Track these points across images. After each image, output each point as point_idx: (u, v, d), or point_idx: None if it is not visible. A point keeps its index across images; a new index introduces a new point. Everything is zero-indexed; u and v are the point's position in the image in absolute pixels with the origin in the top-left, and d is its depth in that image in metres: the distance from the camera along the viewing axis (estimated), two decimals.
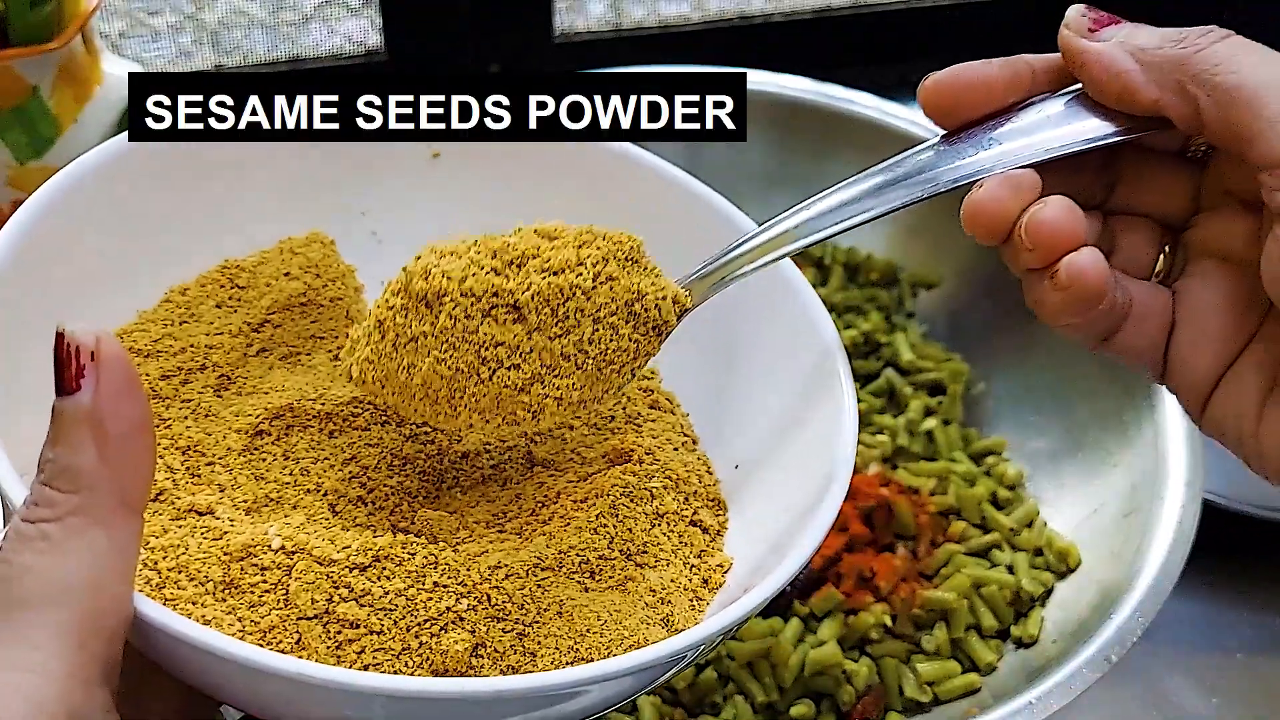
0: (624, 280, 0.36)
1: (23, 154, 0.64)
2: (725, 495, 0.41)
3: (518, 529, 0.39)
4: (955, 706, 0.52)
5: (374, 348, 0.37)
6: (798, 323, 0.42)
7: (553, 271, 0.35)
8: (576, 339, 0.36)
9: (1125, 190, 0.35)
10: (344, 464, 0.39)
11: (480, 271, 0.35)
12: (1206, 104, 0.31)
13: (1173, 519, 0.51)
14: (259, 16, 0.78)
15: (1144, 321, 0.33)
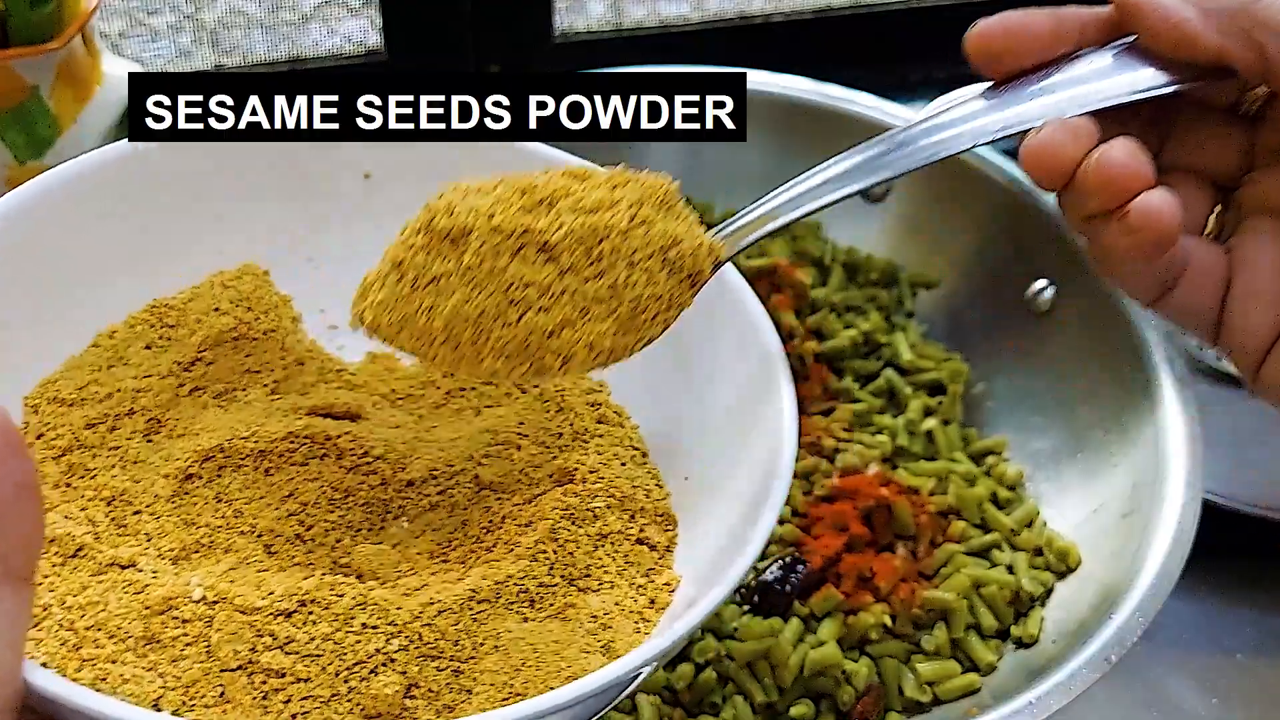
0: (660, 224, 0.35)
1: (22, 154, 0.64)
2: (676, 508, 0.40)
3: (461, 558, 0.38)
4: (955, 706, 0.52)
5: (390, 290, 0.35)
6: (743, 330, 0.41)
7: (587, 210, 0.34)
8: (610, 282, 0.34)
9: (1175, 146, 0.35)
10: (280, 502, 0.38)
11: (509, 209, 0.34)
12: (1273, 47, 0.30)
13: (1173, 519, 0.51)
14: (258, 16, 0.78)
15: (1199, 279, 0.33)
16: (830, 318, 0.64)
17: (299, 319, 0.45)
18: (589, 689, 0.30)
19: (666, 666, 0.51)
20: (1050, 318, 0.62)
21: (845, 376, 0.64)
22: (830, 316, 0.64)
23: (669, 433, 0.43)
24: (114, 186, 0.41)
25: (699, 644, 0.51)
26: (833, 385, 0.63)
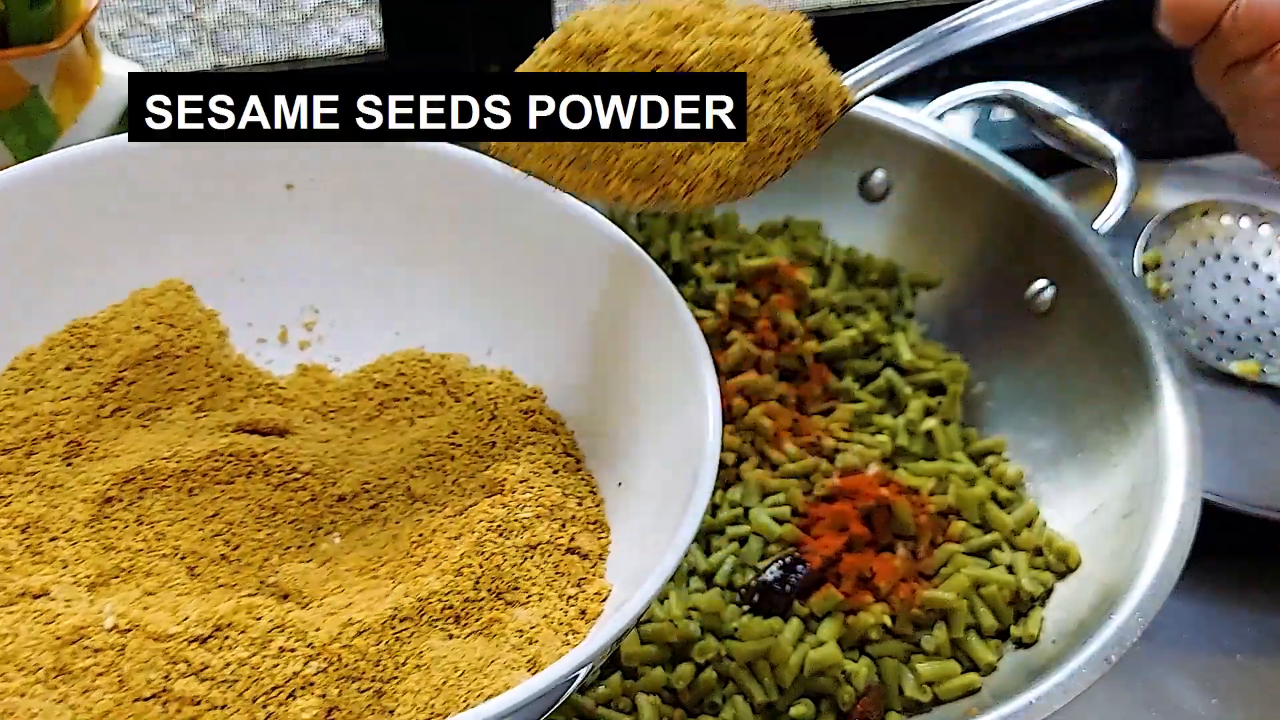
0: (793, 57, 0.35)
1: (22, 154, 0.64)
2: (610, 514, 0.40)
3: (391, 573, 0.37)
4: (955, 706, 0.52)
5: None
6: (669, 331, 0.40)
7: (725, 34, 0.34)
8: None
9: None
10: (205, 522, 0.38)
11: (646, 29, 0.33)
12: None
13: (1173, 519, 0.51)
14: (258, 16, 0.77)
15: None
16: (830, 318, 0.64)
17: (226, 333, 0.45)
18: (513, 703, 0.30)
19: (666, 666, 0.51)
20: (1050, 318, 0.62)
21: (845, 376, 0.64)
22: (830, 316, 0.64)
23: (603, 437, 0.42)
24: (29, 205, 0.41)
25: (699, 644, 0.51)
26: (833, 385, 0.63)
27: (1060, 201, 0.62)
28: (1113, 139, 0.63)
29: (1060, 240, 0.61)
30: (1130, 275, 0.59)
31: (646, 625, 0.51)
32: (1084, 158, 0.64)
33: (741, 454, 0.59)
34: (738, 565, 0.54)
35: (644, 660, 0.51)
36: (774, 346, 0.63)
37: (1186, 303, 0.77)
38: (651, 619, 0.52)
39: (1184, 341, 0.77)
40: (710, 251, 0.67)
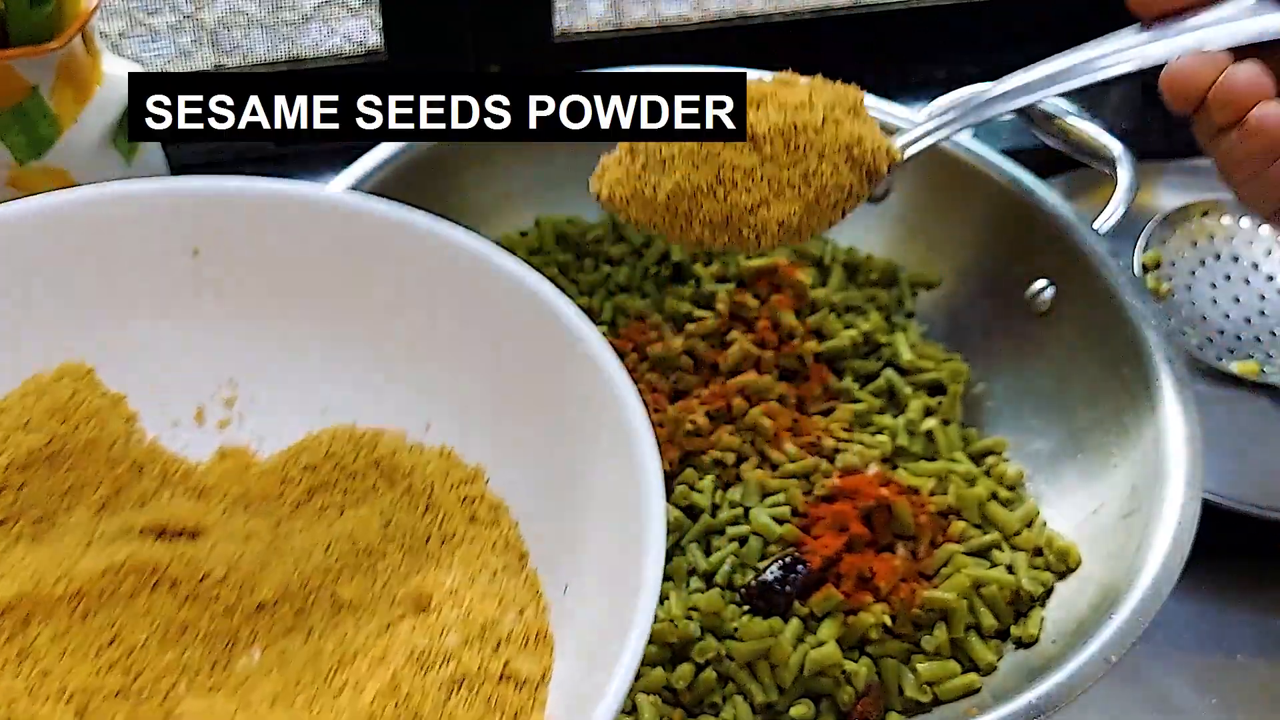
0: (847, 125, 0.41)
1: (23, 154, 0.64)
2: (555, 623, 0.36)
3: (309, 702, 0.34)
4: (955, 707, 0.52)
5: (625, 169, 0.42)
6: (608, 412, 0.37)
7: (789, 108, 0.40)
8: (803, 170, 0.40)
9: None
10: (100, 650, 0.34)
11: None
12: None
13: (1173, 519, 0.51)
14: (258, 16, 0.77)
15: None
16: (830, 318, 0.64)
17: (134, 418, 0.40)
18: None
19: (666, 666, 0.51)
20: (1050, 318, 0.62)
21: (845, 376, 0.64)
22: (830, 317, 0.64)
23: (549, 530, 0.38)
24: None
25: (699, 644, 0.51)
26: (833, 385, 0.63)
27: (1060, 201, 0.62)
28: (1113, 139, 0.63)
29: (1060, 240, 0.61)
30: (1130, 275, 0.59)
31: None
32: (1084, 158, 0.64)
33: (741, 454, 0.59)
34: (738, 565, 0.54)
35: (644, 660, 0.51)
36: (774, 346, 0.63)
37: (1186, 303, 0.77)
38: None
39: (1184, 341, 0.77)
40: (710, 251, 0.67)
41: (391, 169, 0.63)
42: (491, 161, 0.66)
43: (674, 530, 0.55)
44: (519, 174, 0.67)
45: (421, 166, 0.64)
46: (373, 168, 0.62)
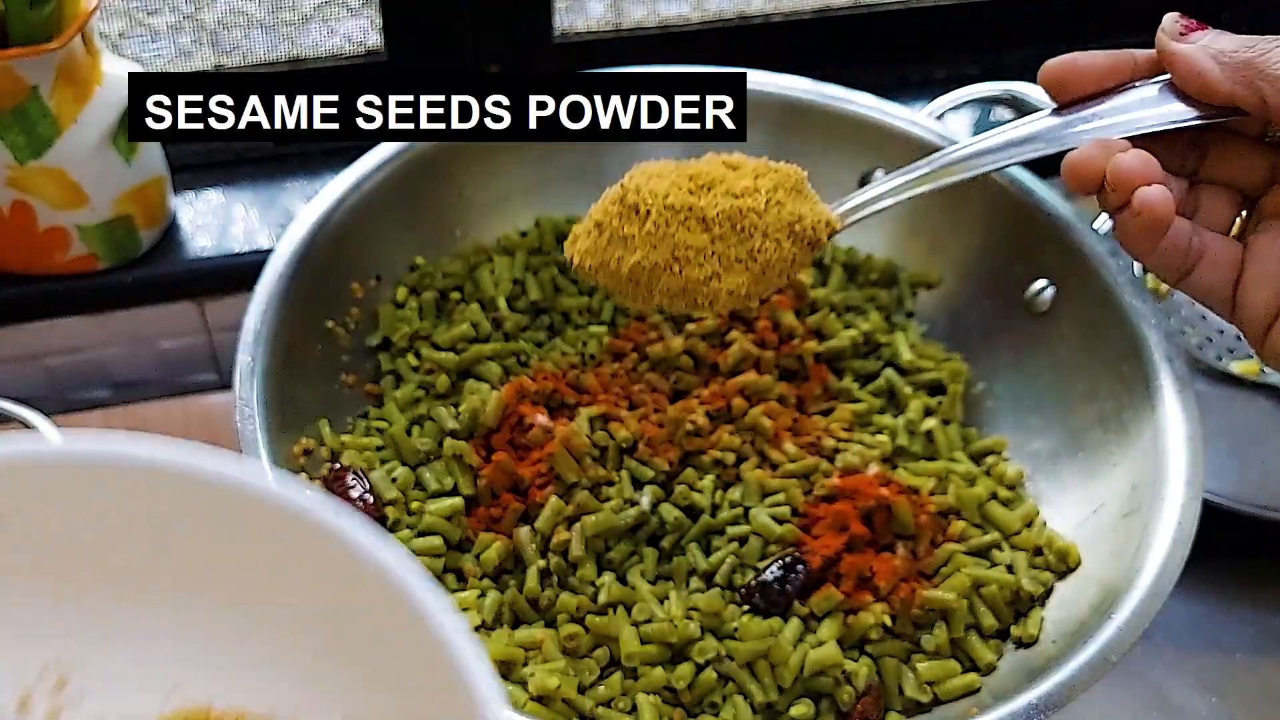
0: (789, 206, 0.45)
1: (22, 154, 0.64)
2: None
3: None
4: (955, 706, 0.52)
5: (593, 242, 0.45)
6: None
7: (735, 195, 0.44)
8: (749, 248, 0.45)
9: (1211, 163, 0.42)
10: None
11: (679, 190, 0.44)
12: (1270, 94, 0.38)
13: (1173, 519, 0.51)
14: (258, 16, 0.77)
15: (1216, 265, 0.41)
16: (830, 318, 0.64)
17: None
18: None
19: (666, 666, 0.51)
20: (1050, 318, 0.62)
21: (845, 376, 0.64)
22: (830, 316, 0.64)
23: None
24: None
25: (699, 644, 0.51)
26: (833, 385, 0.63)
27: (1060, 201, 0.62)
28: None
29: (1060, 240, 0.61)
30: (1130, 275, 0.59)
31: (647, 625, 0.51)
32: None
33: (741, 454, 0.59)
34: (738, 565, 0.54)
35: (644, 660, 0.51)
36: (774, 346, 0.63)
37: (1186, 302, 0.77)
38: (652, 619, 0.52)
39: (1184, 341, 0.77)
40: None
41: (391, 169, 0.63)
42: (491, 162, 0.66)
43: (674, 530, 0.56)
44: (519, 174, 0.67)
45: (421, 167, 0.64)
46: (372, 168, 0.62)
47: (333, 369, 0.60)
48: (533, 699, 0.48)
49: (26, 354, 0.77)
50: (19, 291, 0.71)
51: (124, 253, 0.72)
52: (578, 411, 0.59)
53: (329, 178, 0.62)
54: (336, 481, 0.54)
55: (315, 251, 0.59)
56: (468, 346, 0.61)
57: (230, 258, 0.75)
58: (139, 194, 0.70)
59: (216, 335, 0.79)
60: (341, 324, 0.61)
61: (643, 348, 0.62)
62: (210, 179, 0.79)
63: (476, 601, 0.52)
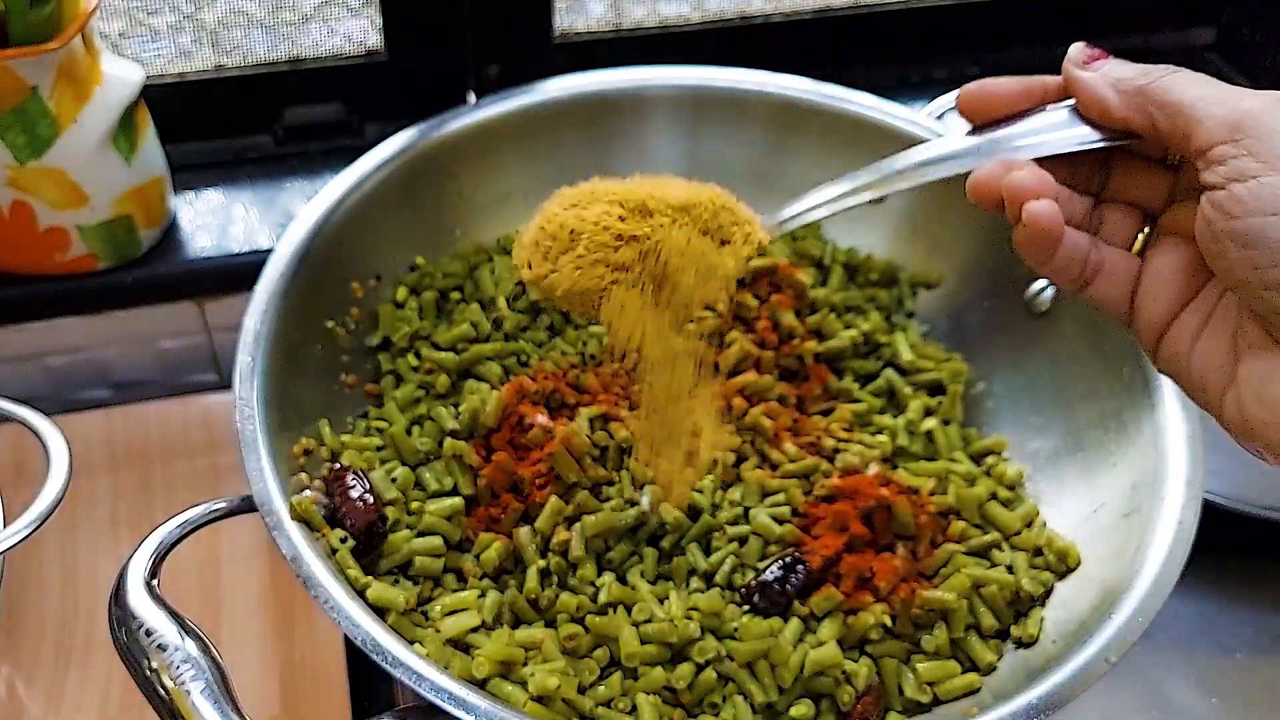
0: (696, 244, 0.48)
1: (22, 154, 0.64)
2: None
3: None
4: (955, 706, 0.52)
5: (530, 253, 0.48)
6: None
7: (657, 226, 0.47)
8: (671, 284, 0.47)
9: (1116, 184, 0.44)
10: None
11: (610, 218, 0.47)
12: (1159, 117, 0.40)
13: (1173, 519, 0.51)
14: (258, 16, 0.77)
15: (1113, 277, 0.43)
16: (830, 318, 0.64)
17: None
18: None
19: (666, 666, 0.51)
20: (1050, 318, 0.62)
21: (845, 376, 0.64)
22: (830, 317, 0.64)
23: None
24: None
25: (699, 644, 0.51)
26: (833, 385, 0.63)
27: None
28: None
29: None
30: None
31: (647, 625, 0.51)
32: None
33: (741, 454, 0.59)
34: (738, 565, 0.54)
35: (644, 660, 0.51)
36: (774, 346, 0.63)
37: None
38: (652, 619, 0.52)
39: None
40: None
41: (391, 169, 0.63)
42: (491, 162, 0.66)
43: (674, 530, 0.56)
44: (519, 174, 0.67)
45: (421, 167, 0.64)
46: (372, 168, 0.62)
47: (333, 369, 0.60)
48: (533, 699, 0.48)
49: (27, 354, 0.77)
50: (19, 291, 0.71)
51: (124, 253, 0.72)
52: (578, 411, 0.59)
53: (329, 177, 0.62)
54: (336, 481, 0.54)
55: (315, 251, 0.59)
56: (468, 346, 0.61)
57: (230, 258, 0.75)
58: (139, 194, 0.70)
59: (216, 335, 0.80)
60: (341, 324, 0.61)
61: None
62: (210, 179, 0.80)
63: (476, 601, 0.52)
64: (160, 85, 0.77)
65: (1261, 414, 0.38)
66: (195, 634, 0.46)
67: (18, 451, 0.72)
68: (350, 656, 0.65)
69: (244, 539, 0.70)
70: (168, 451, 0.75)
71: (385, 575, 0.53)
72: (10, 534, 0.54)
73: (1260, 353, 0.38)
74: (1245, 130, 0.37)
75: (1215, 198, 0.38)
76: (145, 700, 0.45)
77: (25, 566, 0.69)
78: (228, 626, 0.66)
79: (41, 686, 0.64)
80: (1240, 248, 0.37)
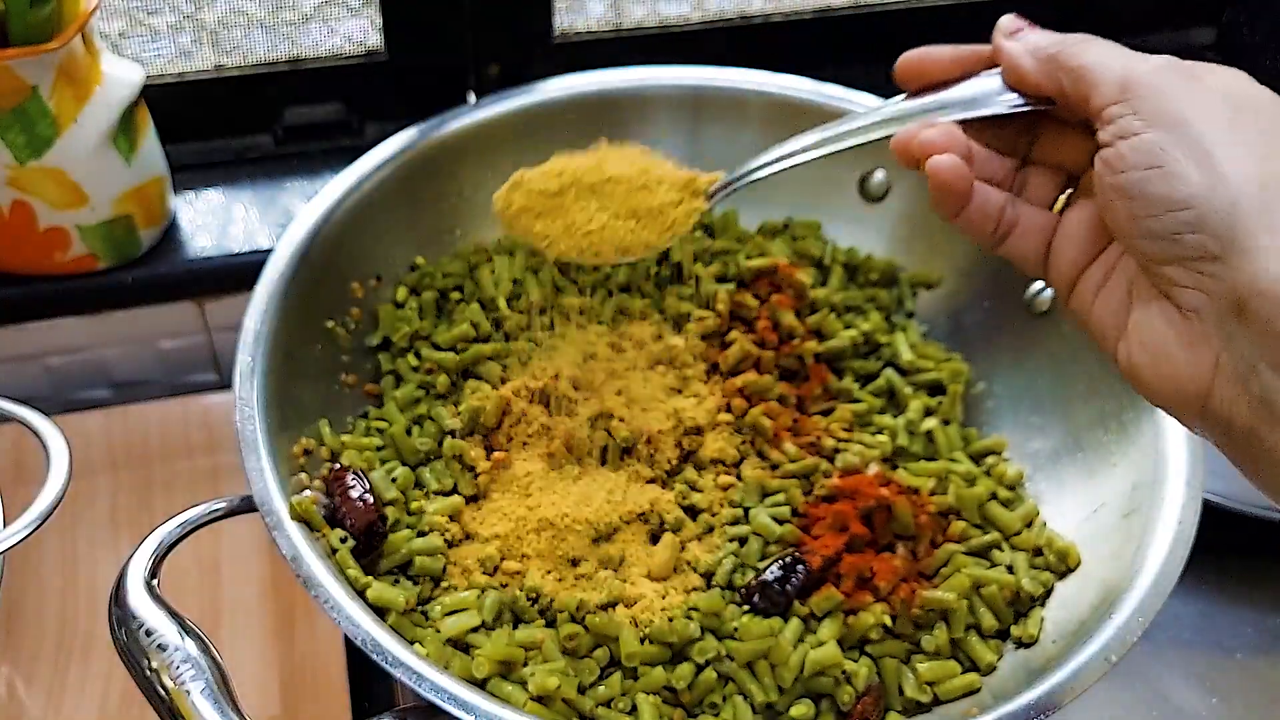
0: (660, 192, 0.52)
1: (22, 154, 0.64)
2: None
3: None
4: (955, 706, 0.52)
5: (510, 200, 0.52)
6: None
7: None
8: (639, 202, 0.52)
9: (1041, 146, 0.46)
10: None
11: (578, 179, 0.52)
12: (1066, 81, 0.42)
13: (1173, 519, 0.51)
14: (259, 16, 0.77)
15: (1028, 233, 0.45)
16: (830, 318, 0.64)
17: None
18: None
19: (666, 666, 0.51)
20: (1050, 318, 0.63)
21: (845, 376, 0.64)
22: (830, 317, 0.64)
23: None
24: None
25: (699, 644, 0.51)
26: (833, 385, 0.63)
27: None
28: None
29: None
30: None
31: (647, 625, 0.51)
32: None
33: (741, 454, 0.59)
34: (738, 565, 0.54)
35: (644, 660, 0.51)
36: (774, 346, 0.63)
37: None
38: (651, 619, 0.52)
39: None
40: (710, 251, 0.67)
41: (390, 170, 0.63)
42: (491, 162, 0.66)
43: (674, 530, 0.56)
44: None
45: (421, 167, 0.64)
46: (372, 168, 0.63)
47: (333, 369, 0.60)
48: (533, 699, 0.49)
49: (27, 354, 0.77)
50: (19, 291, 0.71)
51: (124, 253, 0.72)
52: (578, 410, 0.59)
53: (329, 178, 0.62)
54: (336, 481, 0.54)
55: (315, 251, 0.59)
56: (468, 346, 0.62)
57: (230, 258, 0.75)
58: (139, 194, 0.70)
59: (216, 335, 0.80)
60: (341, 324, 0.61)
61: (643, 346, 0.62)
62: (210, 179, 0.80)
63: (476, 601, 0.52)
64: (160, 85, 0.77)
65: (1143, 358, 0.40)
66: (195, 634, 0.46)
67: (18, 451, 0.72)
68: (350, 656, 0.66)
69: (244, 539, 0.70)
70: (168, 451, 0.75)
71: (385, 575, 0.53)
72: (10, 534, 0.54)
73: (1147, 302, 0.41)
74: (1133, 91, 0.40)
75: (1105, 154, 0.40)
76: (145, 700, 0.45)
77: (25, 566, 0.69)
78: (228, 626, 0.66)
79: (41, 686, 0.64)
80: (1123, 199, 0.39)
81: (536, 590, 0.53)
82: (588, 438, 0.57)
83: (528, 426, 0.58)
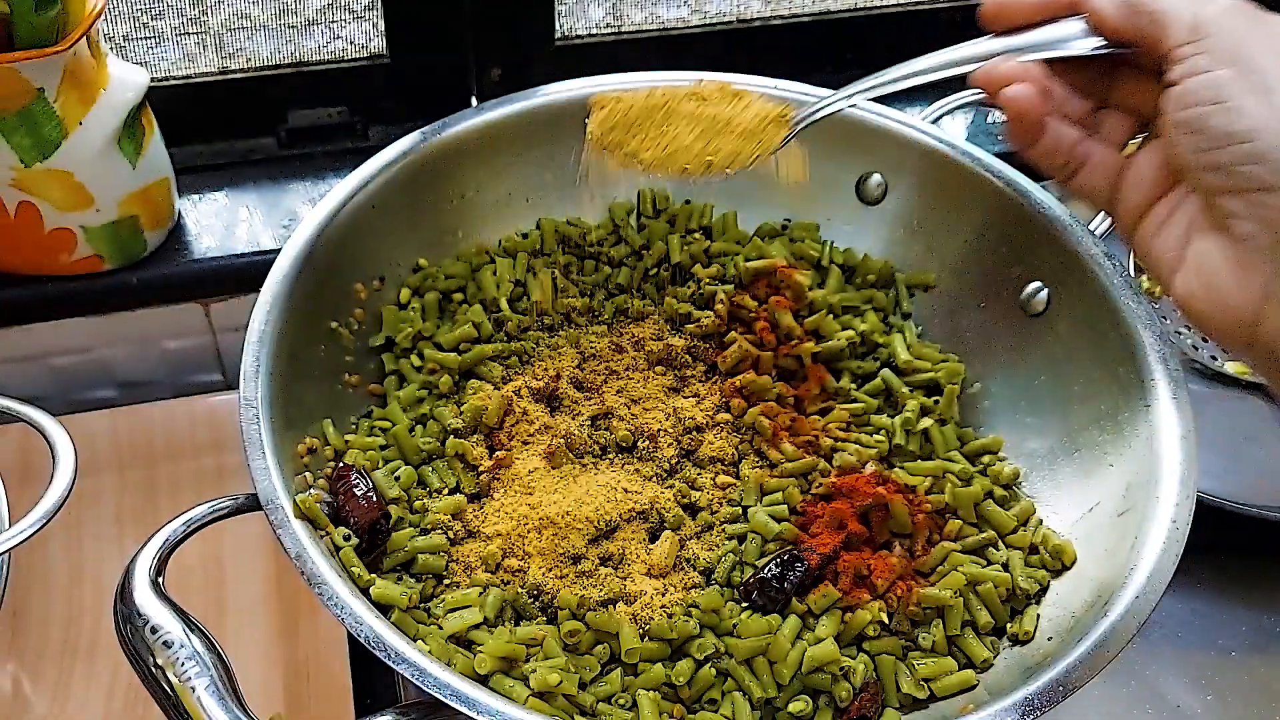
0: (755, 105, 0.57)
1: (28, 157, 0.65)
2: None
3: None
4: (951, 703, 0.52)
5: (605, 121, 0.57)
6: None
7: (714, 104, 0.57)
8: (732, 114, 0.57)
9: (1118, 91, 0.49)
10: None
11: (675, 98, 0.57)
12: (1146, 25, 0.44)
13: (1167, 518, 0.52)
14: (262, 20, 0.78)
15: (1097, 169, 0.49)
16: (828, 319, 0.65)
17: None
18: None
19: (666, 663, 0.51)
20: (1045, 319, 0.63)
21: (842, 377, 0.64)
22: (828, 318, 0.65)
23: None
24: None
25: (698, 641, 0.52)
26: (830, 385, 0.63)
27: (1055, 204, 0.63)
28: None
29: (1055, 242, 0.62)
30: (1125, 276, 0.60)
31: (647, 622, 0.52)
32: None
33: (740, 453, 0.59)
34: (736, 563, 0.55)
35: (643, 656, 0.51)
36: (772, 347, 0.63)
37: None
38: (651, 616, 0.52)
39: (1178, 342, 0.77)
40: (709, 253, 0.68)
41: (394, 173, 0.63)
42: (493, 165, 0.67)
43: (673, 528, 0.56)
44: (520, 176, 0.68)
45: (423, 170, 0.64)
46: (375, 171, 0.63)
47: (336, 369, 0.61)
48: (534, 695, 0.49)
49: (32, 354, 0.78)
50: (25, 292, 0.72)
51: (129, 254, 0.73)
52: (578, 410, 0.59)
53: (333, 180, 0.63)
54: (340, 480, 0.54)
55: (319, 253, 0.59)
56: (470, 347, 0.62)
57: (235, 259, 0.75)
58: (144, 195, 0.71)
59: (221, 336, 0.80)
60: (345, 325, 0.62)
61: (643, 346, 0.63)
62: (215, 181, 0.80)
63: (478, 599, 0.53)
64: (165, 88, 0.77)
65: (1198, 288, 0.43)
66: (200, 631, 0.46)
67: (24, 451, 0.73)
68: (354, 653, 0.66)
69: (248, 537, 0.70)
70: (173, 451, 0.75)
71: (388, 573, 0.54)
72: (16, 532, 0.54)
73: (1205, 235, 0.44)
74: (1201, 32, 0.42)
75: (1172, 92, 0.43)
76: (150, 697, 0.45)
77: (31, 564, 0.69)
78: (232, 624, 0.67)
79: (47, 683, 0.64)
80: (1187, 134, 0.42)
81: (538, 587, 0.53)
82: (588, 437, 0.58)
83: (529, 426, 0.58)
